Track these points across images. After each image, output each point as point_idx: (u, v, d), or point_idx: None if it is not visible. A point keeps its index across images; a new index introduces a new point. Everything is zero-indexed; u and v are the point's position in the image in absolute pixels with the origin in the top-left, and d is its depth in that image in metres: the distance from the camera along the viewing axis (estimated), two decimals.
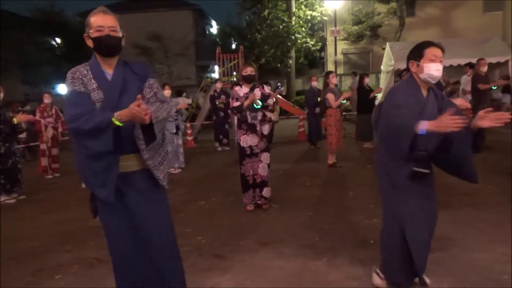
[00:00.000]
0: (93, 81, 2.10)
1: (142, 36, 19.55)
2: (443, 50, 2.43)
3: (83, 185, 2.20)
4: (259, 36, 20.81)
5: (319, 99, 9.14)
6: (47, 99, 7.83)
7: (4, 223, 4.86)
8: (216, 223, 4.36)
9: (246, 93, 4.64)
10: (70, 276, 3.23)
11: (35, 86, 23.28)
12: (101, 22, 2.07)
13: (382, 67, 13.58)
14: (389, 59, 12.05)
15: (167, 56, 21.51)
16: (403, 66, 8.00)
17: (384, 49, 13.81)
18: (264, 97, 4.63)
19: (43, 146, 7.81)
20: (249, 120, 4.59)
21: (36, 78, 22.83)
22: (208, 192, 5.71)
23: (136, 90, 2.12)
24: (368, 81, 9.22)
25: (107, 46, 2.09)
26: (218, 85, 10.36)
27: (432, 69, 2.37)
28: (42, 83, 23.32)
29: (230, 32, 27.02)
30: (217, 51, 14.99)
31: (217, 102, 10.04)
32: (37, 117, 7.62)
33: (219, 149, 10.11)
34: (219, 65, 15.19)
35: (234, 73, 14.27)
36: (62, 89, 25.08)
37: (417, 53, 2.44)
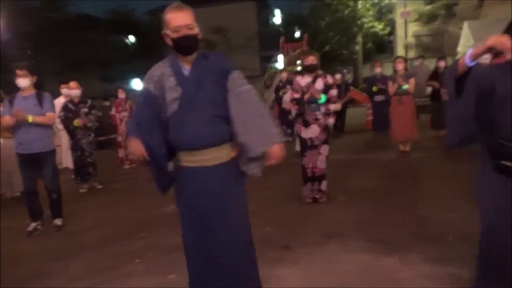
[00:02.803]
0: (171, 78, 2.09)
1: (206, 30, 20.01)
2: None
3: None
4: (323, 23, 20.33)
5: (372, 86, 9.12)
6: (121, 94, 8.44)
7: (84, 211, 5.30)
8: (283, 214, 4.36)
9: (308, 83, 4.54)
10: (147, 260, 3.42)
11: (112, 82, 25.02)
12: (177, 22, 2.03)
13: (459, 49, 12.53)
14: (468, 40, 11.09)
15: (230, 48, 21.87)
16: None
17: (461, 29, 12.75)
18: (327, 88, 4.50)
19: (119, 139, 8.46)
20: (307, 115, 4.49)
21: (113, 75, 24.47)
22: (273, 182, 5.71)
23: (214, 84, 2.10)
24: (444, 64, 8.58)
25: (185, 47, 2.09)
26: (284, 75, 10.31)
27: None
28: (118, 80, 25.00)
29: (293, 21, 26.74)
30: (280, 41, 14.92)
31: (280, 93, 10.00)
32: (113, 112, 8.43)
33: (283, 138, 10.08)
34: (283, 55, 15.11)
35: (298, 62, 14.13)
36: (136, 84, 26.60)
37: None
